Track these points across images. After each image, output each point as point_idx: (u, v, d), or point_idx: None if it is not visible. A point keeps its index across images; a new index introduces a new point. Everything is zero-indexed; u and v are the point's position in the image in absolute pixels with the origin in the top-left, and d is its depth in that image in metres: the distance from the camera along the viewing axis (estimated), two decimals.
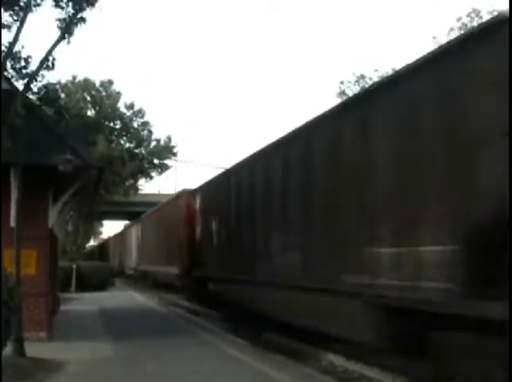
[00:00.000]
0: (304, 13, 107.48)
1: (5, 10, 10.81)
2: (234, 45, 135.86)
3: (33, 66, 11.58)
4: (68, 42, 11.26)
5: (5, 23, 11.01)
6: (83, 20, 11.39)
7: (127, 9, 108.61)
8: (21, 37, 10.91)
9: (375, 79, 28.73)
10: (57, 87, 36.33)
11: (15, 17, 10.97)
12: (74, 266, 32.12)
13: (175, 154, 46.78)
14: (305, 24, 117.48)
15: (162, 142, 45.97)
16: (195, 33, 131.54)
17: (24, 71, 11.60)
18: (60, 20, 11.09)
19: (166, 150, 45.90)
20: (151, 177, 46.40)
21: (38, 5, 11.03)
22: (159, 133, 51.27)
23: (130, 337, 13.90)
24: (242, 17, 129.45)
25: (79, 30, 11.35)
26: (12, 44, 10.90)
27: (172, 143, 46.54)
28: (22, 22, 10.86)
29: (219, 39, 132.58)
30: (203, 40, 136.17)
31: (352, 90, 32.07)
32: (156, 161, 45.80)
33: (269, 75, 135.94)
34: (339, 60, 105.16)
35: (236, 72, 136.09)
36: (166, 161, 46.41)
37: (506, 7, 7.17)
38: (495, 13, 7.67)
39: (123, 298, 28.26)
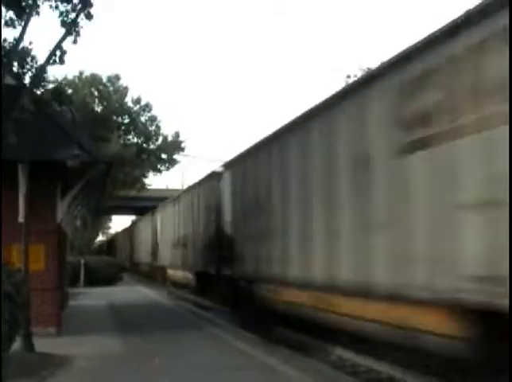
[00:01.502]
0: (309, 8, 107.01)
1: (8, 8, 10.72)
2: (242, 40, 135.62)
3: (41, 61, 11.49)
4: (75, 42, 11.17)
5: (10, 20, 10.92)
6: (89, 17, 11.25)
7: (134, 4, 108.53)
8: (29, 32, 10.85)
9: None
10: (63, 82, 36.52)
11: (21, 14, 10.89)
12: (82, 261, 32.18)
13: (183, 149, 46.82)
14: (310, 17, 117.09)
15: (170, 138, 46.02)
16: (202, 29, 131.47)
17: (30, 66, 11.51)
18: (63, 14, 10.98)
19: (174, 146, 45.91)
20: (160, 171, 46.47)
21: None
22: (167, 128, 51.57)
23: (139, 331, 13.90)
24: (248, 13, 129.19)
25: (85, 27, 11.22)
26: (18, 40, 10.85)
27: (180, 139, 46.64)
28: (28, 18, 10.80)
29: (226, 34, 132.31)
30: (211, 35, 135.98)
31: None
32: (164, 156, 45.84)
33: (275, 70, 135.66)
34: (345, 53, 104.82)
35: (243, 67, 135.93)
36: (174, 157, 46.49)
37: None
38: None
39: (131, 292, 28.31)
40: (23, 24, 10.78)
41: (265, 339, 12.41)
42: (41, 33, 12.30)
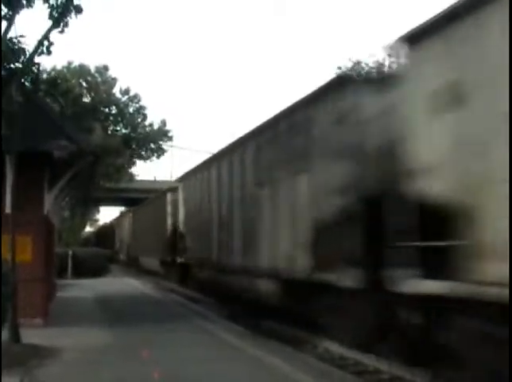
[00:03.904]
0: (305, 4, 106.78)
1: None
2: (230, 31, 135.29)
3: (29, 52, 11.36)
4: (62, 31, 11.04)
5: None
6: (78, 10, 11.11)
7: None
8: (16, 23, 10.76)
9: (371, 64, 28.47)
10: (52, 73, 36.31)
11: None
12: (70, 252, 32.09)
13: (170, 138, 46.76)
14: (300, 10, 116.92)
15: (156, 126, 45.99)
16: (193, 21, 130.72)
17: (18, 57, 11.39)
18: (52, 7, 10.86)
19: (161, 133, 45.84)
20: (148, 158, 46.36)
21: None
22: (155, 118, 51.43)
23: (127, 323, 13.89)
24: (238, 6, 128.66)
25: (74, 19, 11.09)
26: (6, 30, 10.76)
27: (167, 127, 46.60)
28: (16, 9, 10.71)
29: (215, 26, 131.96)
30: (200, 27, 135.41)
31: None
32: (151, 145, 45.78)
33: (266, 61, 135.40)
34: (336, 45, 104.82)
35: (231, 56, 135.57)
36: (162, 146, 46.44)
37: None
38: None
39: (119, 284, 28.27)
40: (11, 14, 10.72)
41: (254, 332, 12.42)
42: (28, 23, 12.19)
